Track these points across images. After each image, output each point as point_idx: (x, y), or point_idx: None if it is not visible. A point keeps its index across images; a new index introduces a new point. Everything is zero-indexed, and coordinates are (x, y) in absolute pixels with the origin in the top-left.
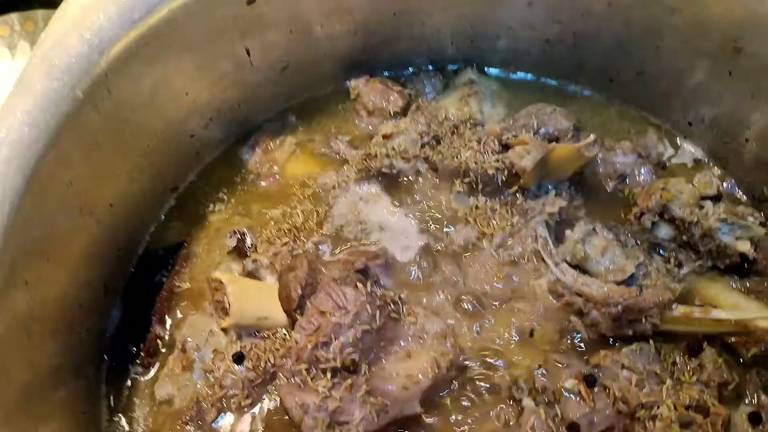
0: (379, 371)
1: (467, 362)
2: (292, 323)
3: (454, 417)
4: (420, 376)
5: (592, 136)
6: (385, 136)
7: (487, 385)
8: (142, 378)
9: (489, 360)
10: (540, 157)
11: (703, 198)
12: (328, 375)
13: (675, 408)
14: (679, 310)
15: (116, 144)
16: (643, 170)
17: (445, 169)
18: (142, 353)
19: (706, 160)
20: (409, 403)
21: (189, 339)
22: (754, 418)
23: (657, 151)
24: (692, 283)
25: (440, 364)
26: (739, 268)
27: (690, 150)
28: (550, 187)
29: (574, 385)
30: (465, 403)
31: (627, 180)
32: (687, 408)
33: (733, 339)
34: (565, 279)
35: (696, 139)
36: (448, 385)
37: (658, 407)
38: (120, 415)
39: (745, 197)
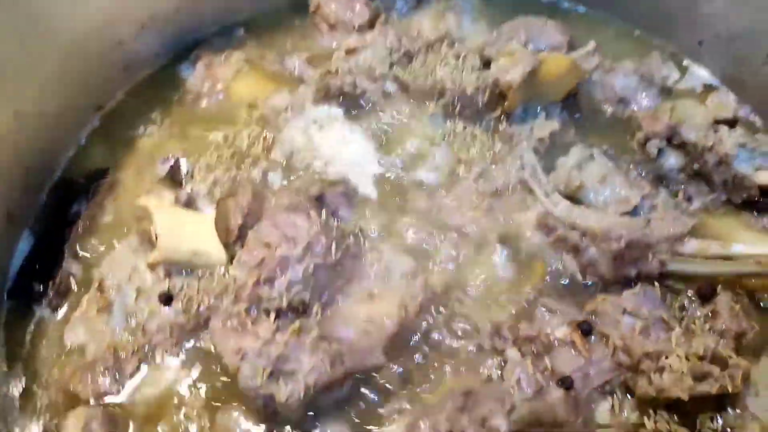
0: (335, 314)
1: (440, 306)
2: (231, 259)
3: (424, 370)
4: (384, 321)
5: (591, 43)
6: (349, 52)
7: (465, 333)
8: (48, 321)
9: (466, 304)
10: (529, 69)
11: (718, 122)
12: (272, 317)
13: (687, 359)
14: (692, 245)
15: (23, 41)
16: (646, 94)
17: (417, 90)
18: (50, 292)
19: (718, 84)
20: (371, 353)
21: (108, 276)
22: None
23: (662, 74)
24: (703, 221)
25: (408, 307)
26: (756, 204)
27: (699, 73)
28: (539, 110)
29: (567, 333)
30: (437, 354)
31: (629, 105)
32: (701, 359)
33: (752, 281)
34: (557, 211)
35: (706, 61)
36: (418, 333)
37: (667, 357)
38: (20, 365)
39: (763, 125)
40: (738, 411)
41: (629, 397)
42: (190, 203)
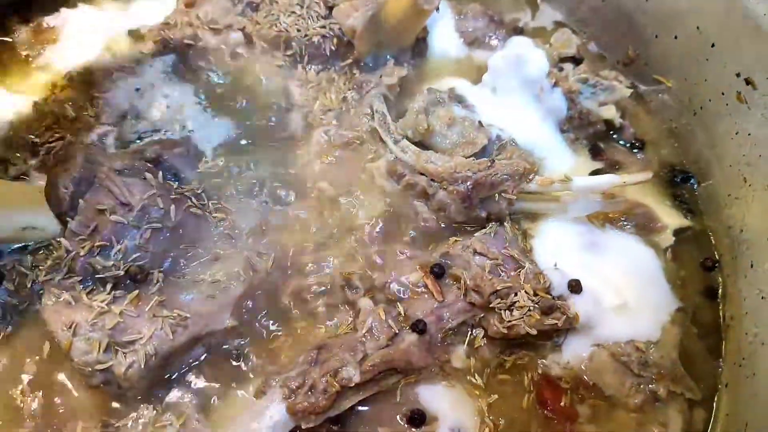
0: (178, 279)
1: (291, 263)
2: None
3: (275, 329)
4: (231, 282)
5: None
6: (188, 4)
7: (316, 288)
8: None
9: (317, 258)
10: (370, 13)
11: (562, 60)
12: (108, 287)
13: (535, 293)
14: (536, 181)
15: None
16: (496, 35)
17: (262, 40)
18: None
19: (568, 21)
20: (217, 316)
21: None
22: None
23: (512, 16)
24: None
25: (256, 265)
26: (604, 138)
27: (550, 12)
28: (388, 57)
29: (420, 278)
30: (291, 313)
31: (480, 46)
32: (548, 293)
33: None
34: (405, 157)
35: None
36: (268, 291)
37: (516, 294)
38: None
39: (609, 62)
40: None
41: (483, 337)
42: (19, 174)
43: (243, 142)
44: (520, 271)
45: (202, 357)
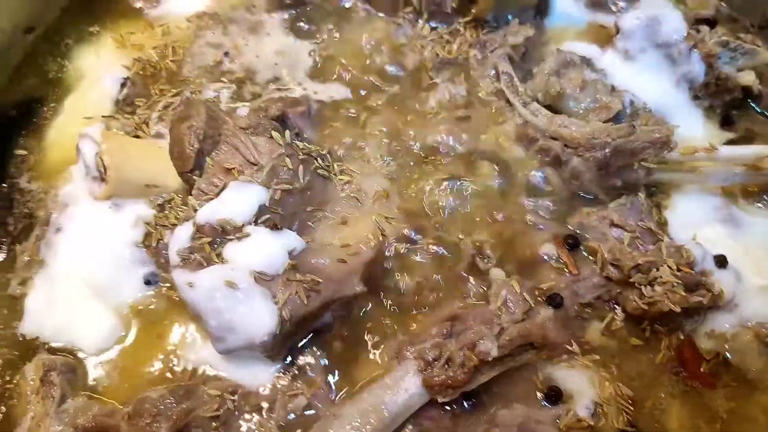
0: (308, 243)
1: (419, 228)
2: (189, 189)
3: (404, 297)
4: (360, 246)
5: None
6: None
7: (445, 256)
8: None
9: (446, 225)
10: None
11: (698, 21)
12: None
13: (678, 269)
14: (678, 150)
15: None
16: None
17: None
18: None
19: None
20: (347, 281)
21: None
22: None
23: None
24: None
25: (385, 230)
26: (740, 107)
27: None
28: (510, 17)
29: (553, 249)
30: (418, 280)
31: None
32: (692, 267)
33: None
34: (537, 121)
35: None
36: (397, 258)
37: (658, 269)
38: None
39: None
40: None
41: (618, 313)
42: (141, 130)
43: (361, 103)
44: (660, 245)
45: (332, 321)
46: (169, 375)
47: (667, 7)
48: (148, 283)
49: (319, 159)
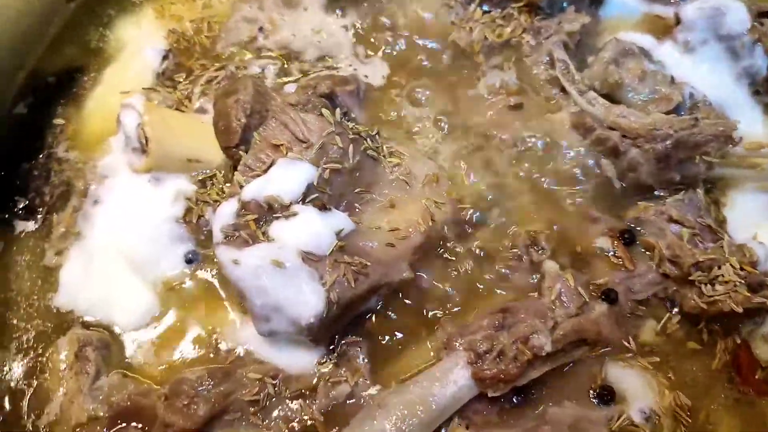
0: (356, 224)
1: (469, 215)
2: (233, 166)
3: (454, 285)
4: (410, 231)
5: None
6: None
7: (498, 244)
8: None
9: (497, 212)
10: None
11: (761, 14)
12: None
13: (741, 268)
14: (744, 144)
15: None
16: None
17: None
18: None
19: None
20: (395, 266)
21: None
22: None
23: None
24: None
25: (434, 215)
26: None
27: None
28: (565, 5)
29: (609, 243)
30: (468, 268)
31: None
32: (755, 266)
33: None
34: (593, 110)
35: None
36: (446, 244)
37: (719, 267)
38: None
39: None
40: None
41: (674, 311)
42: (182, 104)
43: (411, 84)
44: (721, 243)
45: (378, 308)
46: (207, 356)
47: None
48: (189, 261)
49: (368, 139)
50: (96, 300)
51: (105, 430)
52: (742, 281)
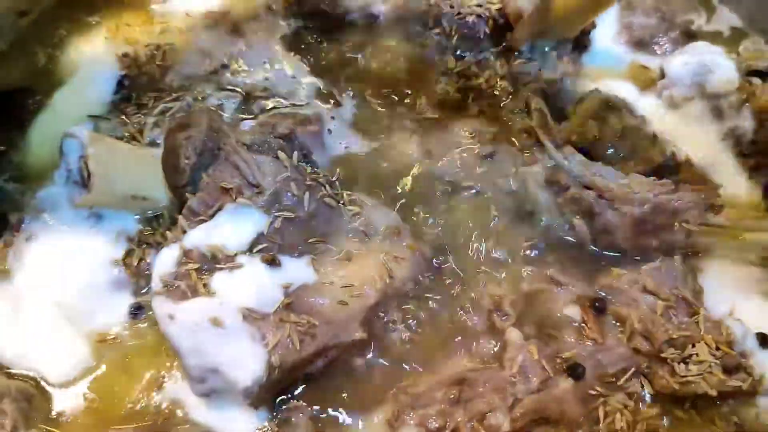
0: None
1: (429, 273)
2: (180, 206)
3: (408, 350)
4: (365, 288)
5: None
6: None
7: (460, 307)
8: None
9: (460, 272)
10: None
11: (750, 73)
12: None
13: (717, 347)
14: (725, 214)
15: None
16: (666, 38)
17: (410, 13)
18: None
19: (747, 28)
20: (346, 326)
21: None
22: None
23: (684, 17)
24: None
25: (393, 271)
26: None
27: (727, 15)
28: (546, 49)
29: (578, 312)
30: (425, 332)
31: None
32: (732, 347)
33: None
34: (569, 166)
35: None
36: (403, 304)
37: (694, 345)
38: None
39: None
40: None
41: (645, 390)
42: (134, 136)
43: (378, 125)
44: (696, 318)
45: (322, 372)
46: (140, 414)
47: (718, 54)
48: (134, 316)
49: (327, 186)
50: (21, 348)
51: None
52: (717, 362)
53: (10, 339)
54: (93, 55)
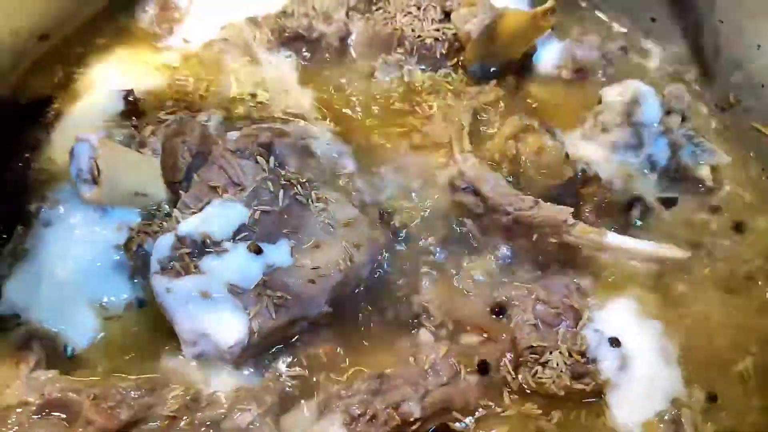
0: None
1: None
2: (174, 201)
3: (363, 325)
4: (330, 270)
5: (550, 2)
6: None
7: (388, 305)
8: None
9: (394, 271)
10: (488, 22)
11: (670, 111)
12: None
13: (570, 355)
14: (576, 231)
15: None
16: (604, 72)
17: (375, 36)
18: None
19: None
20: (314, 301)
21: None
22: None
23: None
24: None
25: (353, 257)
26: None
27: (657, 52)
28: (492, 70)
29: (486, 314)
30: (369, 319)
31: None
32: (583, 355)
33: None
34: (465, 168)
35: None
36: (361, 285)
37: (551, 353)
38: None
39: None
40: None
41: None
42: (139, 143)
43: (342, 137)
44: (557, 329)
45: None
46: (141, 369)
47: (650, 92)
48: (141, 305)
49: (298, 186)
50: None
51: (31, 414)
52: (568, 368)
53: (35, 305)
54: (105, 74)
